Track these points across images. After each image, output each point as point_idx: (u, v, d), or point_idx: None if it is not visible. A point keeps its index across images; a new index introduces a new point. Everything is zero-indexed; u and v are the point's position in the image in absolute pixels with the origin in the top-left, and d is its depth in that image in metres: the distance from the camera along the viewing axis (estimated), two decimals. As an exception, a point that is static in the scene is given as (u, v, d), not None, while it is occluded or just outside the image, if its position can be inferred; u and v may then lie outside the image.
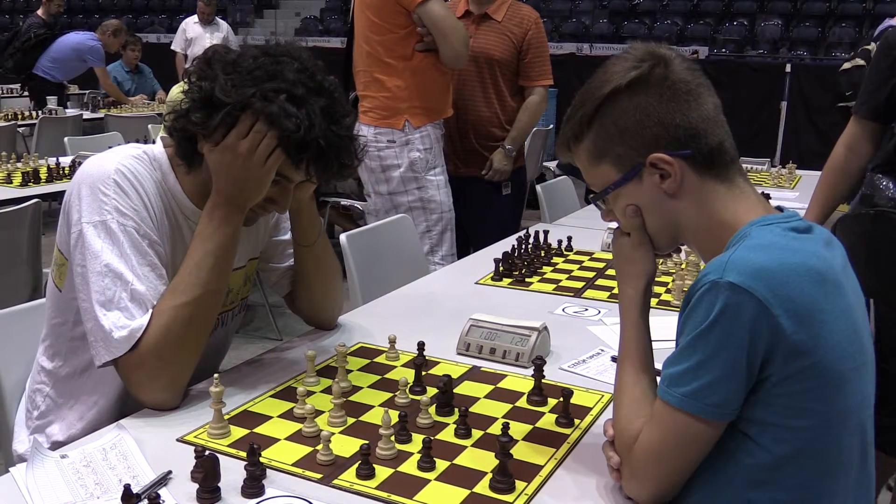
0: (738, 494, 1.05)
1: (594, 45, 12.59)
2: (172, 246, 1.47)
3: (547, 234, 2.54)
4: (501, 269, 2.22)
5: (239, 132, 1.36)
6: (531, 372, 1.47)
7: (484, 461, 1.21)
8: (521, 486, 1.15)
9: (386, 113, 3.07)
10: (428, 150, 3.11)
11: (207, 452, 1.11)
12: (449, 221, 3.18)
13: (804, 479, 1.03)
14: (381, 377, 1.52)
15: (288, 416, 1.35)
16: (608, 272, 2.28)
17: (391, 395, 1.43)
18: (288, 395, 1.43)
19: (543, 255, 2.41)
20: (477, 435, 1.30)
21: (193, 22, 7.72)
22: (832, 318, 1.02)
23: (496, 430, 1.27)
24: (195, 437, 1.28)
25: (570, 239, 2.54)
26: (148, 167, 1.45)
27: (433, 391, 1.41)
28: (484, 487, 1.15)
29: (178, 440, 1.27)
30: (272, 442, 1.26)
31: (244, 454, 1.14)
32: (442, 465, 1.20)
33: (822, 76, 8.69)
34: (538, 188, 3.37)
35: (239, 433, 1.29)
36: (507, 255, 2.27)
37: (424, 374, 1.50)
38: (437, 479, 1.17)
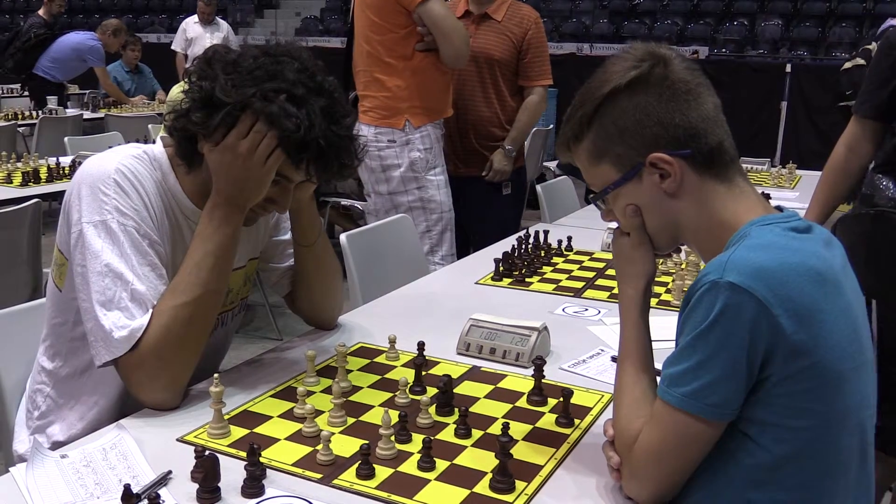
0: (737, 494, 1.05)
1: (594, 45, 12.58)
2: (172, 246, 1.47)
3: (547, 234, 2.54)
4: (501, 269, 2.22)
5: (239, 132, 1.36)
6: (531, 372, 1.47)
7: (484, 461, 1.21)
8: (521, 486, 1.15)
9: (386, 113, 3.07)
10: (428, 149, 3.10)
11: (207, 452, 1.11)
12: (449, 221, 3.18)
13: (804, 479, 1.03)
14: (381, 377, 1.52)
15: (288, 416, 1.35)
16: (608, 272, 2.28)
17: (391, 395, 1.43)
18: (288, 395, 1.43)
19: (543, 255, 2.41)
20: (477, 435, 1.30)
21: (194, 22, 7.72)
22: (832, 317, 1.02)
23: (496, 430, 1.27)
24: (195, 437, 1.28)
25: (570, 239, 2.54)
26: (148, 167, 1.45)
27: (433, 391, 1.41)
28: (484, 487, 1.15)
29: (178, 440, 1.27)
30: (272, 442, 1.26)
31: (244, 454, 1.14)
32: (442, 465, 1.20)
33: (822, 76, 8.70)
34: (538, 188, 3.37)
35: (239, 433, 1.29)
36: (507, 255, 2.27)
37: (424, 374, 1.50)
38: (437, 479, 1.17)
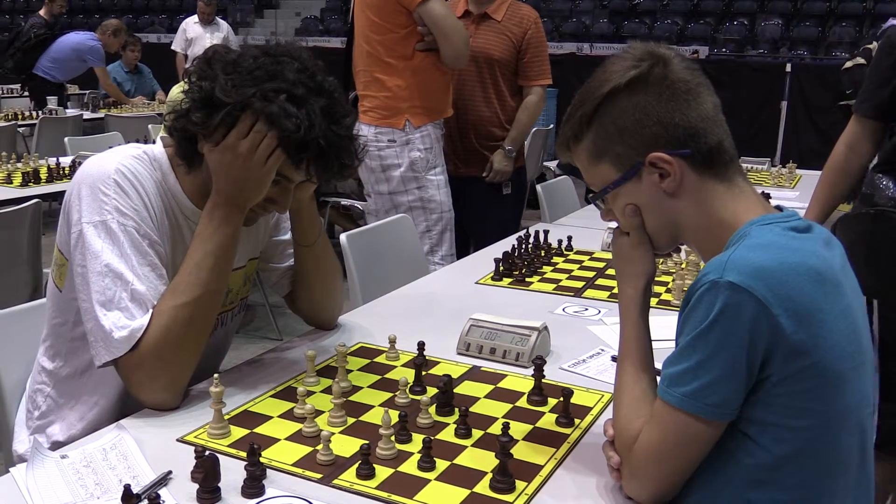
0: (737, 494, 1.05)
1: (594, 44, 12.59)
2: (172, 246, 1.47)
3: (547, 233, 2.54)
4: (501, 268, 2.22)
5: (239, 132, 1.36)
6: (531, 372, 1.47)
7: (484, 461, 1.21)
8: (521, 485, 1.15)
9: (386, 112, 3.07)
10: (428, 149, 3.10)
11: (207, 452, 1.11)
12: (449, 221, 3.18)
13: (804, 478, 1.03)
14: (381, 377, 1.52)
15: (288, 416, 1.35)
16: (608, 272, 2.28)
17: (391, 395, 1.43)
18: (288, 395, 1.43)
19: (543, 254, 2.41)
20: (477, 435, 1.30)
21: (194, 22, 7.72)
22: (831, 317, 1.02)
23: (496, 429, 1.27)
24: (195, 437, 1.28)
25: (570, 239, 2.54)
26: (148, 167, 1.45)
27: (433, 391, 1.41)
28: (484, 487, 1.15)
29: (178, 440, 1.27)
30: (272, 442, 1.26)
31: (244, 454, 1.14)
32: (442, 464, 1.20)
33: (822, 76, 8.70)
34: (538, 188, 3.37)
35: (239, 433, 1.29)
36: (507, 254, 2.27)
37: (424, 374, 1.50)
38: (437, 479, 1.17)
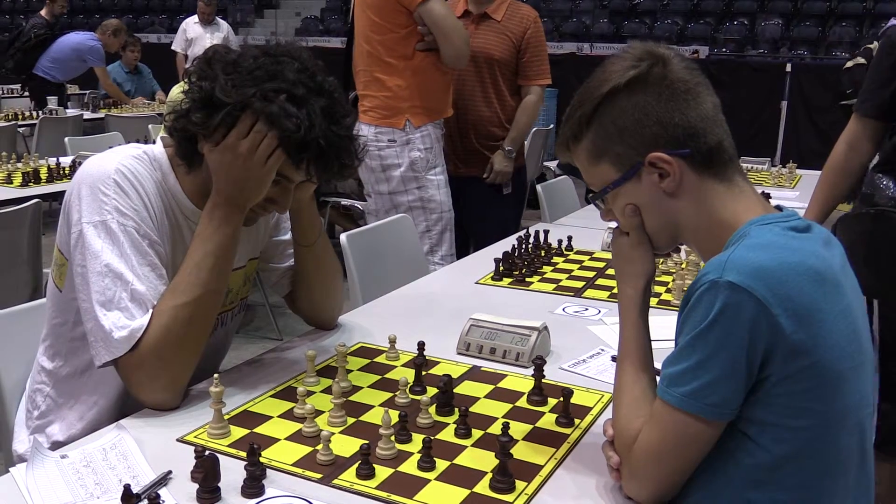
0: (737, 494, 1.05)
1: (594, 44, 12.59)
2: (172, 246, 1.47)
3: (547, 233, 2.54)
4: (501, 268, 2.22)
5: (239, 132, 1.36)
6: (531, 372, 1.47)
7: (484, 461, 1.21)
8: (521, 485, 1.15)
9: (387, 112, 3.07)
10: (428, 149, 3.10)
11: (207, 452, 1.11)
12: (449, 221, 3.18)
13: (803, 478, 1.03)
14: (381, 377, 1.52)
15: (288, 416, 1.35)
16: (608, 272, 2.28)
17: (391, 394, 1.43)
18: (288, 395, 1.43)
19: (543, 254, 2.41)
20: (477, 435, 1.30)
21: (194, 22, 7.72)
22: (831, 317, 1.02)
23: (496, 429, 1.27)
24: (195, 437, 1.28)
25: (570, 238, 2.54)
26: (148, 167, 1.45)
27: (433, 391, 1.41)
28: (484, 487, 1.15)
29: (178, 440, 1.27)
30: (272, 442, 1.26)
31: (244, 454, 1.14)
32: (442, 464, 1.20)
33: (822, 75, 8.70)
34: (538, 188, 3.37)
35: (239, 433, 1.29)
36: (507, 254, 2.27)
37: (424, 373, 1.50)
38: (437, 478, 1.17)
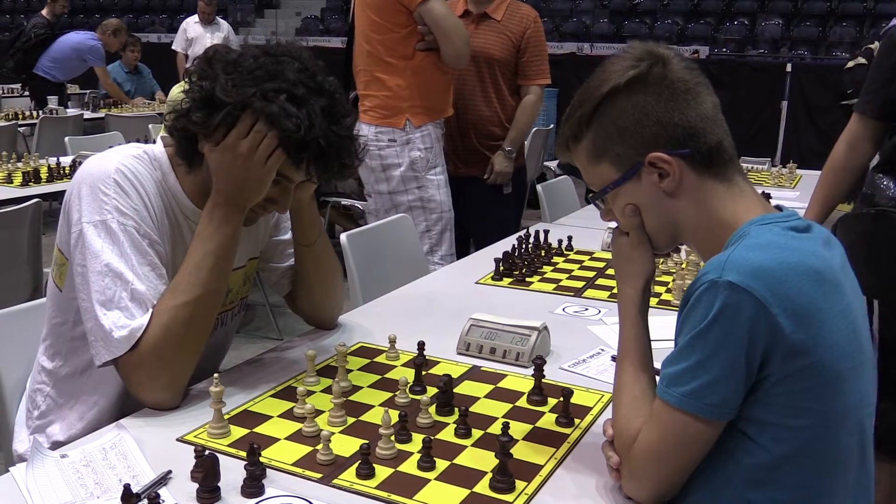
0: (737, 494, 1.05)
1: (595, 44, 12.59)
2: (172, 246, 1.47)
3: (547, 233, 2.54)
4: (502, 268, 2.22)
5: (239, 132, 1.36)
6: (531, 372, 1.47)
7: (484, 461, 1.21)
8: (521, 485, 1.15)
9: (387, 112, 3.07)
10: (428, 149, 3.11)
11: (207, 452, 1.11)
12: (448, 221, 3.18)
13: (803, 478, 1.03)
14: (381, 377, 1.52)
15: (288, 415, 1.35)
16: (608, 272, 2.28)
17: (391, 394, 1.43)
18: (288, 394, 1.43)
19: (544, 254, 2.41)
20: (477, 435, 1.30)
21: (194, 22, 7.72)
22: (831, 317, 1.02)
23: (496, 429, 1.27)
24: (195, 436, 1.28)
25: (570, 238, 2.54)
26: (148, 167, 1.45)
27: (433, 391, 1.41)
28: (484, 487, 1.15)
29: (178, 440, 1.27)
30: (272, 442, 1.26)
31: (244, 454, 1.14)
32: (442, 464, 1.20)
33: (822, 75, 8.70)
34: (538, 188, 3.37)
35: (239, 433, 1.29)
36: (507, 254, 2.27)
37: (424, 373, 1.50)
38: (437, 478, 1.17)
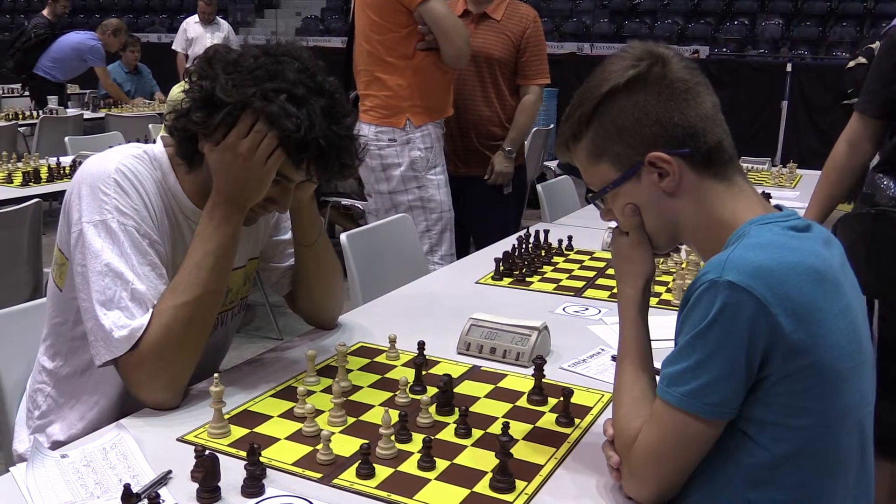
0: (737, 494, 1.05)
1: (595, 44, 12.59)
2: (172, 246, 1.47)
3: (547, 233, 2.54)
4: (502, 268, 2.22)
5: (239, 132, 1.36)
6: (531, 371, 1.47)
7: (484, 461, 1.21)
8: (521, 485, 1.15)
9: (387, 112, 3.07)
10: (429, 149, 3.11)
11: (207, 452, 1.11)
12: (448, 221, 3.18)
13: (803, 478, 1.03)
14: (381, 377, 1.52)
15: (288, 415, 1.35)
16: (608, 271, 2.28)
17: (391, 394, 1.43)
18: (288, 394, 1.43)
19: (544, 254, 2.41)
20: (477, 434, 1.30)
21: (194, 22, 7.72)
22: (831, 316, 1.02)
23: (496, 429, 1.27)
24: (195, 436, 1.28)
25: (570, 238, 2.54)
26: (148, 167, 1.45)
27: (433, 391, 1.41)
28: (484, 487, 1.15)
29: (178, 440, 1.27)
30: (272, 441, 1.26)
31: (244, 454, 1.14)
32: (442, 464, 1.20)
33: (822, 75, 8.70)
34: (539, 188, 3.37)
35: (239, 433, 1.29)
36: (507, 254, 2.27)
37: (424, 373, 1.50)
38: (437, 478, 1.17)
